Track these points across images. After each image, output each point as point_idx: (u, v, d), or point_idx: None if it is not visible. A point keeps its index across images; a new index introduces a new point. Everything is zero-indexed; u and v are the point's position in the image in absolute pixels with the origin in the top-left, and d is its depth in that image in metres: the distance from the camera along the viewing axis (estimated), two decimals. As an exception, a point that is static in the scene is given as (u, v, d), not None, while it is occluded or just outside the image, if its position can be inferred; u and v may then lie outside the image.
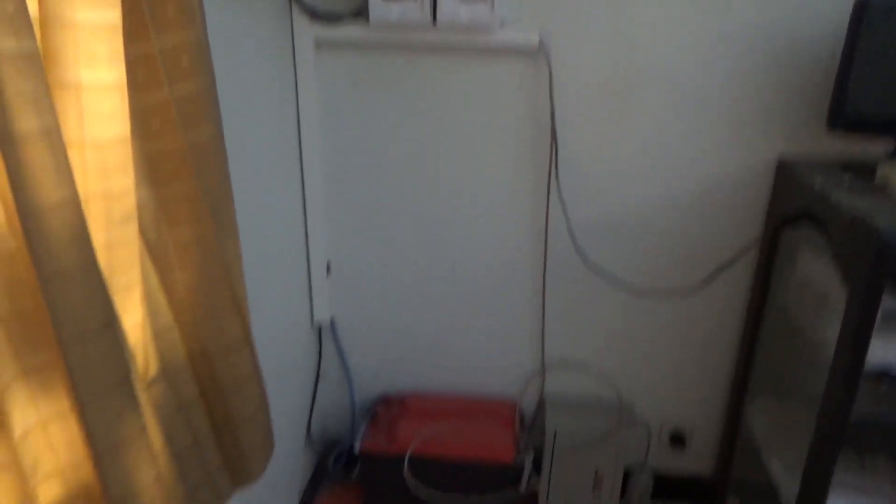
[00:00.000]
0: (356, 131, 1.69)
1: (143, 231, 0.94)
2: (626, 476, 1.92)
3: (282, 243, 1.63)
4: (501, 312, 1.83)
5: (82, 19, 0.79)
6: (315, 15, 1.57)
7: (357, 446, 1.78)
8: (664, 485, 1.95)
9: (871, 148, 1.53)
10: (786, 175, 1.53)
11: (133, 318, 0.90)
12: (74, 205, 0.67)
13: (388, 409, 1.92)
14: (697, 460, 1.94)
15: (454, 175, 1.71)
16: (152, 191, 0.95)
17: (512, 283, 1.80)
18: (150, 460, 0.79)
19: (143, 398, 0.82)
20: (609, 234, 1.71)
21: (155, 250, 0.96)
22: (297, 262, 1.75)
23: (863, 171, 1.40)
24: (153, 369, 0.95)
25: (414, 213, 1.76)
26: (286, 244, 1.66)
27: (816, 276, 1.40)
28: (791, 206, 1.48)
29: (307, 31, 1.58)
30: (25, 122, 0.66)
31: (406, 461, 1.75)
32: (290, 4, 1.56)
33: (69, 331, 0.69)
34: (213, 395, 1.06)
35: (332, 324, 1.91)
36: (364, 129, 1.69)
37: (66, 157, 0.69)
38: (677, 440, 1.92)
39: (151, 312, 0.95)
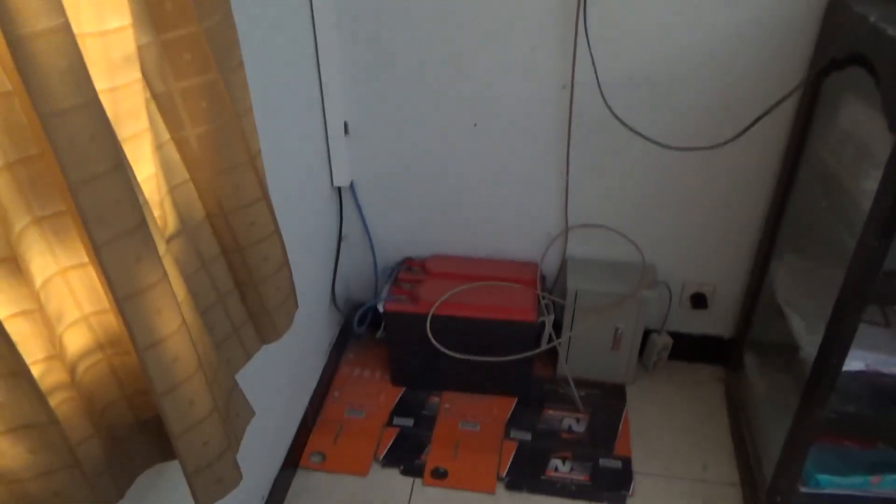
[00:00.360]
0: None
1: (148, 82, 0.89)
2: (646, 335, 1.96)
3: (296, 101, 1.57)
4: (524, 171, 1.79)
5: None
6: None
7: (381, 307, 1.81)
8: (683, 345, 1.98)
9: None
10: (836, 12, 1.40)
11: (145, 170, 0.87)
12: (66, 33, 0.62)
13: (410, 271, 1.94)
14: (718, 321, 1.95)
15: (476, 24, 1.60)
16: (153, 37, 0.88)
17: (536, 140, 1.73)
18: (174, 308, 0.80)
19: (163, 248, 0.81)
20: (641, 86, 1.61)
21: (162, 102, 0.91)
22: (313, 121, 1.69)
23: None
24: (172, 225, 0.94)
25: (434, 66, 1.67)
26: (300, 102, 1.60)
27: (860, 126, 1.31)
28: (839, 46, 1.36)
29: None
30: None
31: (429, 320, 1.79)
32: None
33: (76, 174, 0.66)
34: (234, 252, 1.06)
35: (353, 186, 1.88)
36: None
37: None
38: (699, 301, 1.92)
39: (164, 167, 0.93)
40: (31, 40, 0.59)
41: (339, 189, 1.89)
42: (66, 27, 0.61)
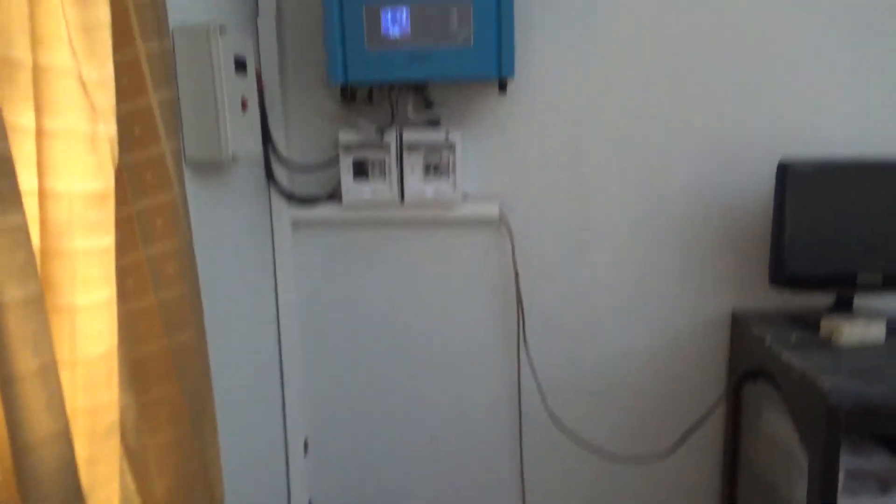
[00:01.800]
0: (332, 305, 1.76)
1: (123, 437, 0.96)
2: None
3: (258, 422, 1.64)
4: (482, 482, 1.82)
5: (81, 247, 0.86)
6: (292, 198, 1.68)
7: None
8: None
9: (817, 298, 1.63)
10: (740, 329, 1.62)
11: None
12: (65, 437, 0.70)
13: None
14: None
15: (429, 344, 1.76)
16: (134, 397, 0.98)
17: (490, 450, 1.80)
18: None
19: None
20: (579, 395, 1.75)
21: (134, 456, 0.97)
22: (274, 441, 1.74)
23: (810, 323, 1.49)
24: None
25: (391, 384, 1.79)
26: (263, 423, 1.67)
27: (780, 433, 1.44)
28: (747, 361, 1.55)
29: (285, 212, 1.69)
30: (24, 363, 0.70)
31: None
32: (269, 189, 1.67)
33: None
34: None
35: None
36: (340, 302, 1.76)
37: (59, 390, 0.73)
38: None
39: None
40: (36, 447, 0.67)
41: None
42: (66, 432, 0.69)
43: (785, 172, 1.47)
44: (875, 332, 1.39)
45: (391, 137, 1.59)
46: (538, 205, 1.68)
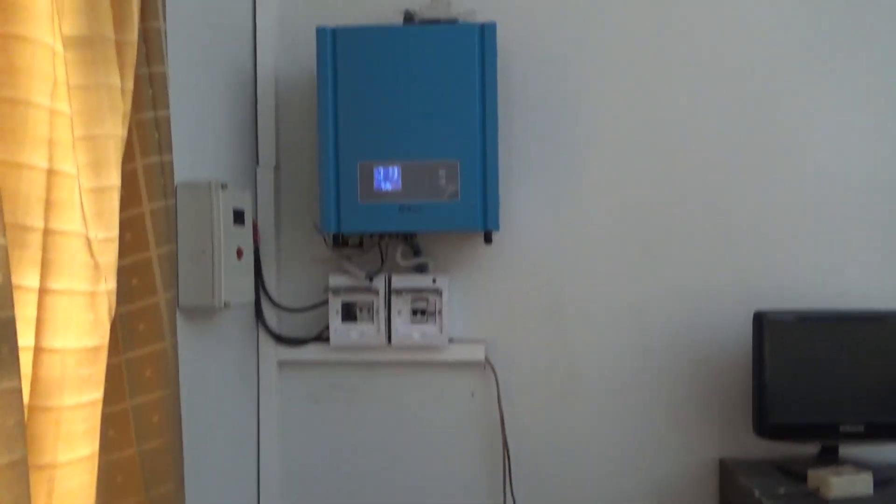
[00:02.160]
0: (315, 445, 1.73)
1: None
2: None
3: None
4: None
5: (68, 403, 0.86)
6: (280, 339, 1.70)
7: None
8: None
9: (803, 446, 1.62)
10: (728, 478, 1.60)
11: None
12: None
13: None
14: None
15: (413, 488, 1.72)
16: None
17: None
18: None
19: None
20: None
21: None
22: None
23: (797, 475, 1.47)
24: None
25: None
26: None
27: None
28: (739, 510, 1.52)
29: (272, 353, 1.70)
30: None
31: None
32: (258, 331, 1.69)
33: None
34: None
35: None
36: (323, 441, 1.73)
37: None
38: None
39: None
40: None
41: None
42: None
43: (761, 322, 1.52)
44: (862, 484, 1.38)
45: (380, 282, 1.64)
46: (523, 350, 1.70)
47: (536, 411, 1.70)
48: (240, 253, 1.37)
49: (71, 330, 0.86)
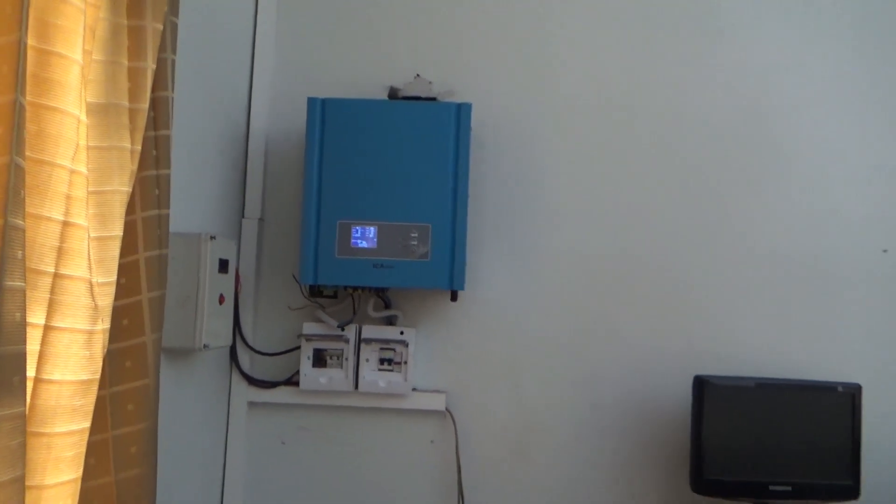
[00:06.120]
0: (280, 486, 1.80)
1: None
2: None
3: None
4: None
5: (60, 430, 0.95)
6: (252, 381, 1.79)
7: None
8: None
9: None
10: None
11: None
12: None
13: None
14: None
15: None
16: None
17: None
18: None
19: None
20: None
21: None
22: None
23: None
24: None
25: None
26: None
27: None
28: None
29: (243, 393, 1.79)
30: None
31: None
32: (231, 372, 1.78)
33: None
34: None
35: None
36: (288, 482, 1.80)
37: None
38: None
39: None
40: None
41: None
42: None
43: (701, 386, 1.65)
44: (787, 543, 1.50)
45: (351, 332, 1.75)
46: (482, 402, 1.81)
47: (492, 460, 1.80)
48: (222, 299, 1.48)
49: (69, 364, 0.96)
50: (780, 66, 1.85)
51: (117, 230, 1.07)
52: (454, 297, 1.71)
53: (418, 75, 1.78)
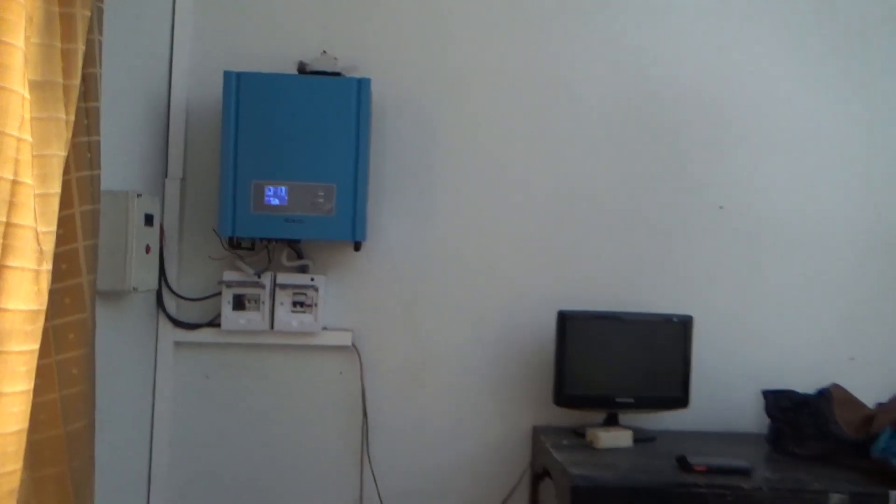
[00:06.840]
0: (205, 416, 2.05)
1: (17, 504, 1.22)
2: None
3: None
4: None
5: (14, 349, 1.17)
6: (177, 323, 2.02)
7: None
8: None
9: (594, 416, 2.11)
10: (536, 439, 2.06)
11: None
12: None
13: None
14: None
15: (288, 453, 2.08)
16: (29, 473, 1.25)
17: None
18: None
19: None
20: (415, 501, 2.09)
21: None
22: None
23: (582, 434, 1.94)
24: None
25: (251, 490, 2.06)
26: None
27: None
28: (540, 464, 1.98)
29: (169, 334, 2.01)
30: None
31: None
32: (157, 313, 2.00)
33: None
34: None
35: None
36: (213, 413, 2.05)
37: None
38: None
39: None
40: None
41: None
42: None
43: (563, 319, 1.99)
44: (624, 438, 1.87)
45: (267, 279, 2.00)
46: (384, 338, 2.11)
47: (393, 388, 2.10)
48: (148, 249, 1.69)
49: (21, 296, 1.17)
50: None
51: (56, 188, 1.28)
52: (357, 248, 1.97)
53: (325, 52, 2.01)
